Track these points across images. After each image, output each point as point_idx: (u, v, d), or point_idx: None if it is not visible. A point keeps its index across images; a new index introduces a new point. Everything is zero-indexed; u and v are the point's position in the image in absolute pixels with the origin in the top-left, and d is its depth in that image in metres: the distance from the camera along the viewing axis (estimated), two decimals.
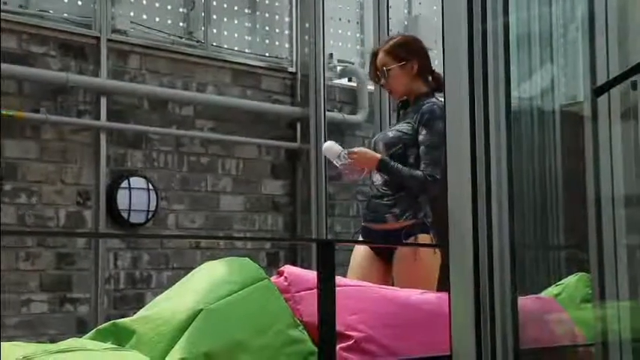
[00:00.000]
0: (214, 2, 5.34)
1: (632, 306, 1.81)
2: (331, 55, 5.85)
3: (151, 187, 4.85)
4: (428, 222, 3.26)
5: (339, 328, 1.97)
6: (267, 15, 5.69)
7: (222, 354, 1.93)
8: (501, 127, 1.77)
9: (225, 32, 5.43)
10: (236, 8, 5.51)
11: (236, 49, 5.45)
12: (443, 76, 1.88)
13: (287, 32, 5.75)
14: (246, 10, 5.60)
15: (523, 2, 2.20)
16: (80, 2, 4.74)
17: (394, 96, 3.51)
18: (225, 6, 5.43)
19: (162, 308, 2.08)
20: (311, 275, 2.22)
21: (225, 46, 5.39)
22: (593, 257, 1.94)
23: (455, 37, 1.80)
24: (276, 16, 5.73)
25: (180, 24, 5.21)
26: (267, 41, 5.66)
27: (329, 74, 5.73)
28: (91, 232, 4.68)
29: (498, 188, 1.76)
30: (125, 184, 4.73)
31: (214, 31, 5.33)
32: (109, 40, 4.75)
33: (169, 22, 5.13)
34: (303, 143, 5.57)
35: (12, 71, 4.30)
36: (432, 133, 3.22)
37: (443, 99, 2.04)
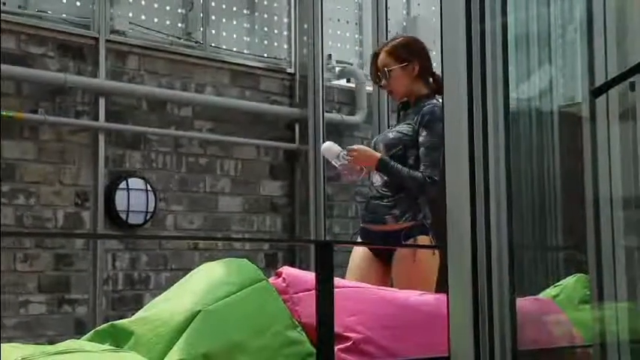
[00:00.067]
0: (213, 3, 5.34)
1: (630, 307, 1.81)
2: (330, 55, 5.84)
3: (149, 187, 4.84)
4: (427, 223, 3.26)
5: (338, 329, 1.97)
6: (266, 16, 5.68)
7: (220, 355, 1.93)
8: (500, 128, 1.77)
9: (224, 33, 5.43)
10: (234, 9, 5.51)
11: (235, 49, 5.45)
12: (441, 77, 1.88)
13: (285, 33, 5.75)
14: (245, 10, 5.59)
15: (521, 3, 2.19)
16: (79, 3, 4.73)
17: (395, 97, 3.49)
18: (224, 7, 5.43)
19: (160, 309, 2.08)
20: (309, 276, 2.22)
21: (224, 46, 5.39)
22: (591, 258, 1.94)
23: (453, 37, 1.80)
24: (275, 17, 5.73)
25: (179, 25, 5.20)
26: (266, 42, 5.65)
27: (327, 75, 5.72)
28: (89, 233, 4.68)
29: (497, 189, 1.76)
30: (123, 185, 4.73)
31: (213, 31, 5.33)
32: (108, 40, 4.74)
33: (168, 22, 5.13)
34: (301, 144, 5.57)
35: (10, 72, 4.29)
36: (432, 135, 3.22)
37: None
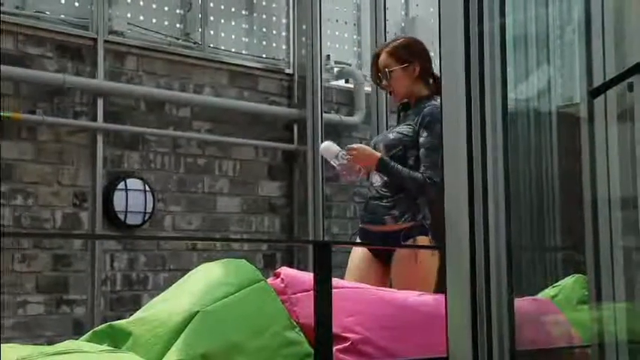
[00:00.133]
0: (211, 4, 5.34)
1: (628, 307, 1.81)
2: (328, 56, 5.85)
3: (147, 188, 4.84)
4: (426, 224, 3.26)
5: (336, 329, 1.97)
6: (264, 16, 5.69)
7: (218, 356, 1.92)
8: (498, 129, 1.77)
9: (222, 34, 5.43)
10: (233, 10, 5.51)
11: (233, 50, 5.45)
12: (440, 78, 1.89)
13: (284, 34, 5.75)
14: (243, 11, 5.59)
15: (519, 4, 2.20)
16: (77, 3, 4.73)
17: (395, 98, 3.48)
18: (222, 7, 5.43)
19: (158, 310, 2.07)
20: (307, 277, 2.22)
21: (222, 47, 5.39)
22: (589, 259, 1.94)
23: (451, 38, 1.80)
24: (273, 18, 5.73)
25: (177, 25, 5.20)
26: (264, 43, 5.65)
27: (326, 76, 5.72)
28: (87, 233, 4.67)
29: (495, 189, 1.76)
30: (122, 186, 4.73)
31: (211, 32, 5.33)
32: (106, 41, 4.74)
33: (166, 23, 5.13)
34: (300, 145, 5.57)
35: (9, 72, 4.28)
36: (433, 136, 3.21)
37: None
